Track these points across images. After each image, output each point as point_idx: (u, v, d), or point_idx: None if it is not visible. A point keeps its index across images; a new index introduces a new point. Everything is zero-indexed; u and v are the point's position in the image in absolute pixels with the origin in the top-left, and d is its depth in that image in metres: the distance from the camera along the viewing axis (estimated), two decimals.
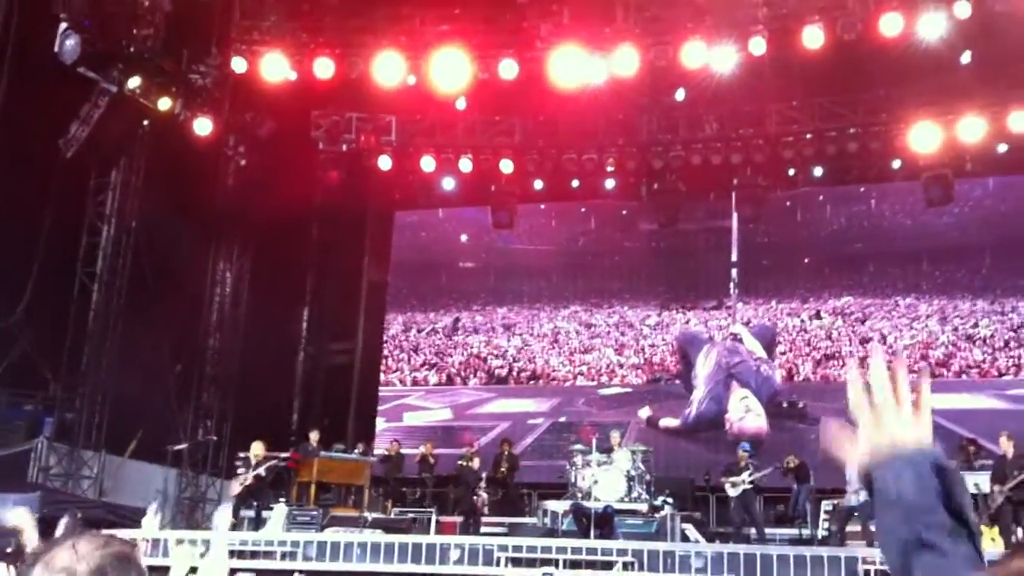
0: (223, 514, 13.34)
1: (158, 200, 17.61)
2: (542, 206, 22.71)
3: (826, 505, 14.80)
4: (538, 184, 21.35)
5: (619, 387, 21.12)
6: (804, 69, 17.87)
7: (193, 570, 6.01)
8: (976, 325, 19.51)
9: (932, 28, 15.84)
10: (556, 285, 22.27)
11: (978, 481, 13.62)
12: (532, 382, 21.79)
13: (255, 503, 14.00)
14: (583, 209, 22.62)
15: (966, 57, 17.68)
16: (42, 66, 15.76)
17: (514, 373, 21.93)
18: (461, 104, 19.91)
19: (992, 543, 12.68)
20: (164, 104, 17.97)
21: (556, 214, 22.90)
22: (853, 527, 13.64)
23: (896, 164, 19.74)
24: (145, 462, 16.98)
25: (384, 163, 20.60)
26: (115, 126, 17.55)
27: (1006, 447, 13.63)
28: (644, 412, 20.18)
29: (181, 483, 17.48)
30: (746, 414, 19.23)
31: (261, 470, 13.84)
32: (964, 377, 19.30)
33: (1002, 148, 18.75)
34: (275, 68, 17.98)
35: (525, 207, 22.06)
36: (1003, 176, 19.88)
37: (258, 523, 13.97)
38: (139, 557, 1.87)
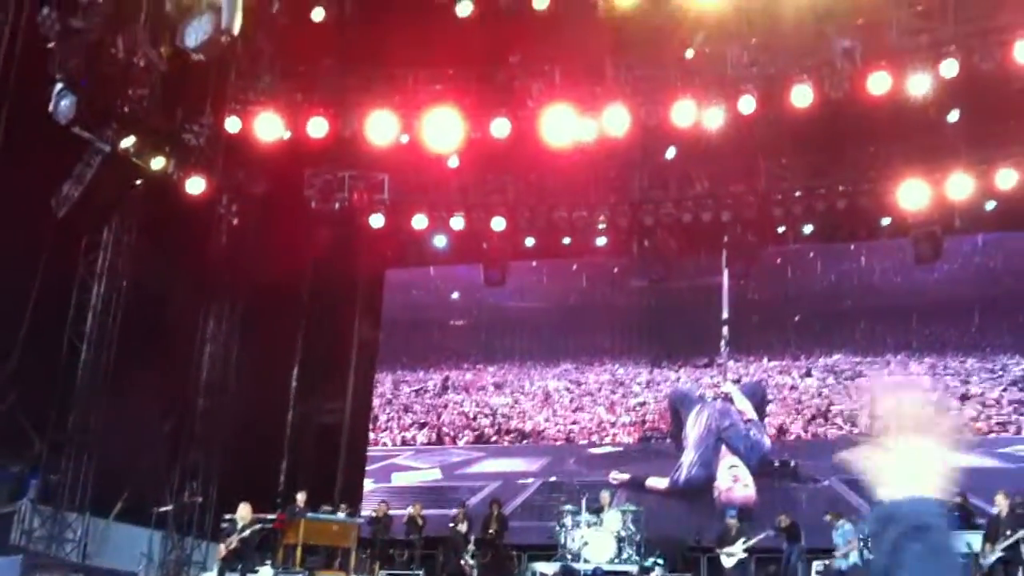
0: None
1: (150, 259, 17.64)
2: (533, 263, 22.75)
3: (817, 565, 14.66)
4: (530, 241, 21.43)
5: (610, 446, 21.00)
6: (793, 127, 18.00)
7: None
8: (967, 382, 19.45)
9: (920, 87, 15.96)
10: (547, 342, 22.23)
11: (970, 540, 13.50)
12: (522, 441, 21.67)
13: (241, 566, 13.83)
14: (574, 266, 22.65)
15: (954, 115, 17.82)
16: (36, 125, 15.84)
17: (504, 432, 21.82)
18: (454, 162, 20.04)
19: None
20: (157, 163, 18.08)
21: (547, 271, 22.93)
22: None
23: (885, 221, 19.82)
24: (130, 524, 16.79)
25: (376, 221, 20.67)
26: (108, 185, 17.62)
27: (1001, 505, 13.55)
28: (617, 475, 19.95)
29: (167, 546, 17.28)
30: (734, 484, 19.10)
31: (247, 532, 13.70)
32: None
33: (990, 205, 18.82)
34: (269, 127, 18.10)
35: (517, 264, 22.14)
36: (992, 233, 19.94)
37: None
38: None
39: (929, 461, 1.59)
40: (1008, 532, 13.03)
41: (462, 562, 15.36)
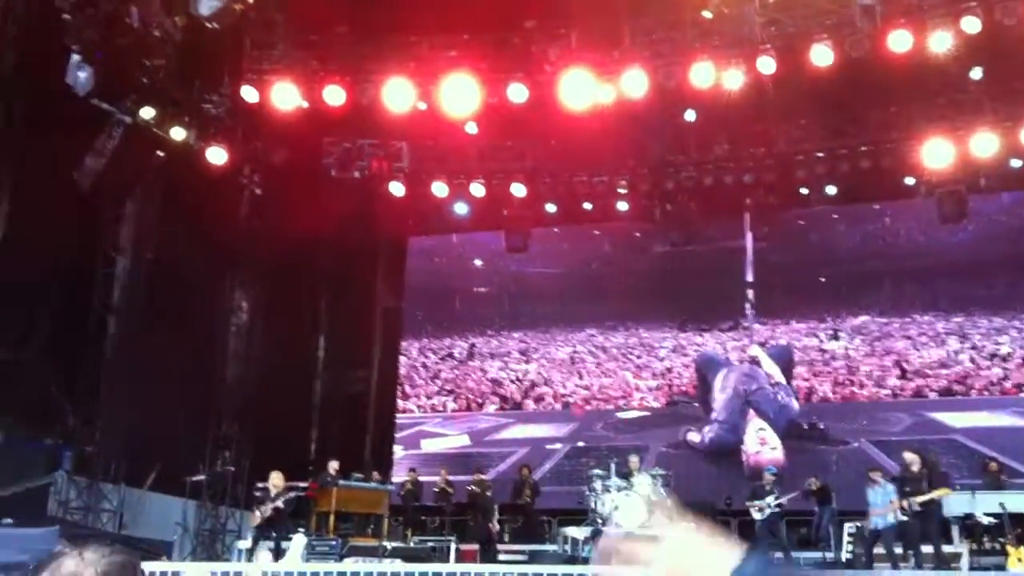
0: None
1: (173, 230, 17.62)
2: (555, 229, 22.70)
3: (849, 527, 14.66)
4: (551, 208, 21.35)
5: (637, 411, 21.03)
6: (814, 88, 17.84)
7: None
8: (996, 342, 19.38)
9: (941, 44, 15.78)
10: (571, 308, 22.22)
11: (1003, 500, 13.49)
12: (549, 407, 21.71)
13: (274, 534, 13.92)
14: (596, 232, 22.60)
15: (977, 73, 17.66)
16: (55, 98, 15.78)
17: (531, 398, 21.86)
18: (472, 129, 19.94)
19: (1020, 564, 12.52)
20: (178, 134, 18.04)
21: (569, 237, 22.88)
22: (878, 549, 13.50)
23: (910, 181, 19.66)
24: (164, 494, 16.91)
25: (396, 189, 20.62)
26: (130, 157, 17.57)
27: (911, 460, 13.50)
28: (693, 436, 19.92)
29: (201, 515, 17.40)
30: (762, 447, 19.11)
31: (280, 501, 13.77)
32: (985, 395, 19.16)
33: (1016, 163, 18.69)
34: (286, 97, 18.03)
35: (538, 231, 22.07)
36: (1017, 191, 19.79)
37: (278, 554, 13.88)
38: (142, 566, 1.96)
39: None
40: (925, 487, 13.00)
41: (489, 525, 15.38)
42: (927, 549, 12.99)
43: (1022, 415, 18.65)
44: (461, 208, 21.63)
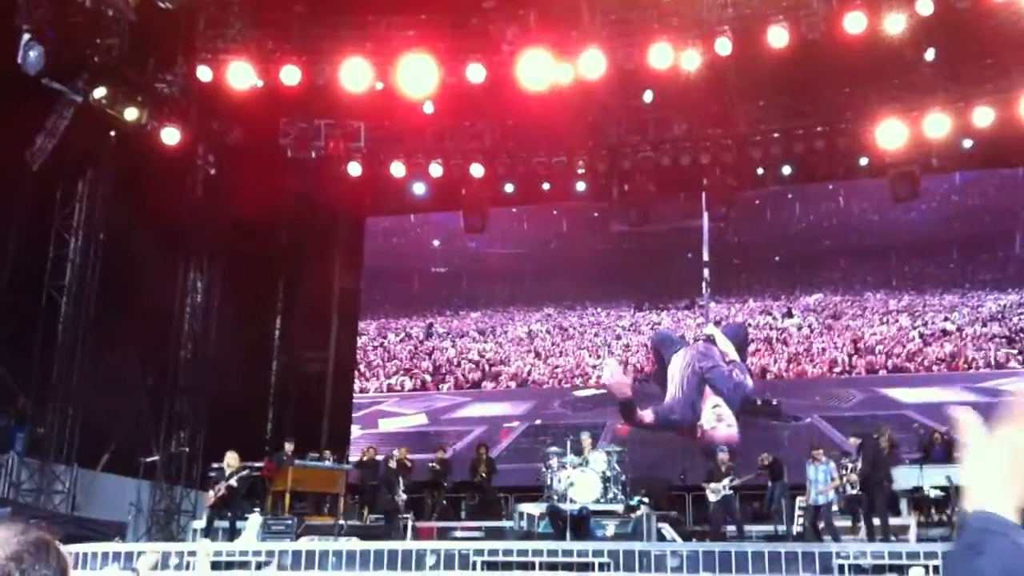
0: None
1: (126, 211, 17.46)
2: (513, 209, 22.74)
3: (800, 501, 14.87)
4: (509, 188, 21.38)
5: (593, 389, 21.16)
6: (771, 69, 17.97)
7: None
8: (946, 319, 19.68)
9: (895, 25, 15.95)
10: (529, 288, 22.27)
11: (950, 474, 13.75)
12: (507, 386, 21.79)
13: (229, 513, 13.90)
14: (555, 212, 22.65)
15: (930, 54, 17.85)
16: (6, 78, 15.57)
17: (489, 377, 21.93)
18: (429, 109, 19.89)
19: None
20: (131, 114, 17.85)
21: (528, 217, 22.92)
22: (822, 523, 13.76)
23: (863, 161, 19.88)
24: (118, 475, 16.82)
25: (354, 169, 20.54)
26: (81, 137, 17.38)
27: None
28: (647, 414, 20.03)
29: (155, 495, 17.33)
30: (718, 423, 19.28)
31: (234, 480, 13.75)
32: (935, 371, 19.46)
33: (967, 144, 18.93)
34: (241, 76, 17.89)
35: (496, 211, 22.11)
36: (969, 171, 20.07)
37: (232, 533, 13.88)
38: (60, 545, 1.85)
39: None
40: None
41: (396, 498, 15.35)
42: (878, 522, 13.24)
43: (971, 390, 18.98)
44: (419, 188, 21.60)
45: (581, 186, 21.13)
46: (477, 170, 20.58)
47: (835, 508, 14.00)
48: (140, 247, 17.57)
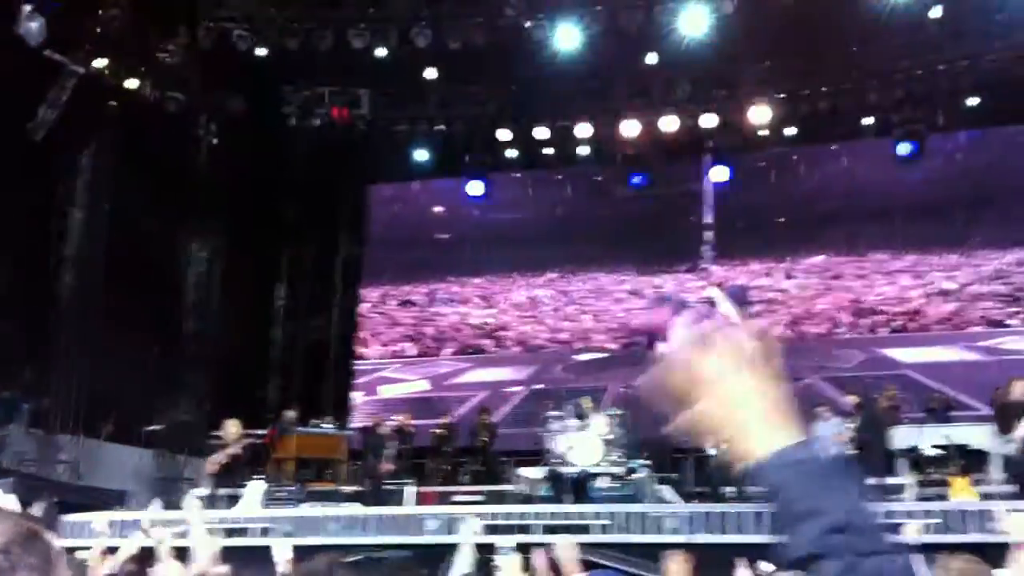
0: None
1: (130, 181, 17.51)
2: (517, 175, 22.68)
3: None
4: (513, 153, 21.34)
5: (596, 352, 21.19)
6: (775, 30, 17.84)
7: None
8: (949, 279, 19.58)
9: None
10: (531, 253, 22.23)
11: (948, 433, 13.77)
12: (509, 351, 21.84)
13: (231, 481, 14.03)
14: (558, 177, 22.58)
15: (936, 11, 17.65)
16: (6, 49, 15.61)
17: (491, 342, 21.98)
18: (432, 74, 19.86)
19: (964, 494, 12.78)
20: (133, 84, 17.90)
21: (531, 183, 22.86)
22: None
23: (868, 121, 19.72)
24: (122, 444, 16.98)
25: (357, 136, 20.56)
26: (84, 108, 17.43)
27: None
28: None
29: (158, 464, 17.48)
30: None
31: (236, 448, 13.86)
32: (936, 330, 19.39)
33: (972, 101, 18.76)
34: (243, 45, 17.90)
35: (500, 176, 22.08)
36: (974, 130, 19.88)
37: (235, 501, 14.01)
38: (47, 535, 1.86)
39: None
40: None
41: (380, 465, 15.44)
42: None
43: (971, 349, 18.92)
44: (422, 155, 21.58)
45: (585, 150, 21.06)
46: (481, 136, 20.56)
47: None
48: (144, 217, 17.65)
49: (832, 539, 1.25)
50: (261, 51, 18.40)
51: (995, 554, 5.96)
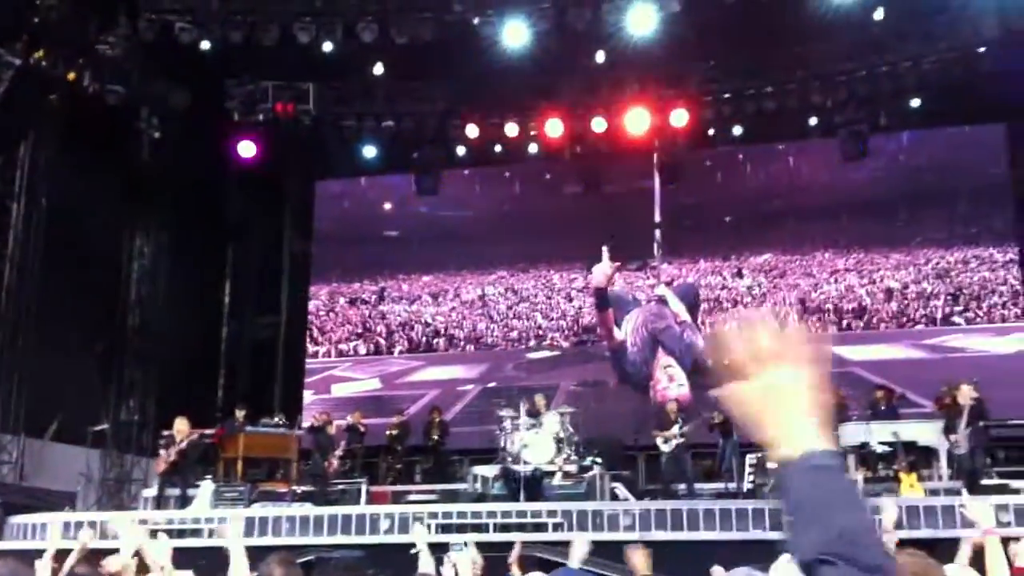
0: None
1: (70, 175, 17.09)
2: (466, 172, 22.60)
3: (750, 459, 15.06)
4: (461, 150, 21.26)
5: (547, 350, 21.22)
6: (722, 29, 17.99)
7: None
8: (893, 277, 19.94)
9: None
10: (482, 250, 22.16)
11: (897, 429, 13.99)
12: (460, 349, 21.77)
13: (180, 480, 13.81)
14: (507, 174, 22.54)
15: (879, 13, 17.94)
16: None
17: (442, 340, 21.89)
18: (379, 70, 19.69)
19: (911, 490, 13.02)
20: (72, 76, 17.48)
21: (480, 179, 22.80)
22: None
23: (813, 121, 20.00)
24: (67, 444, 16.62)
25: (302, 132, 20.30)
26: (22, 101, 16.99)
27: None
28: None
29: (105, 464, 17.15)
30: (670, 383, 19.37)
31: (184, 446, 13.63)
32: (883, 328, 19.75)
33: (915, 102, 19.12)
34: (186, 37, 17.58)
35: (449, 173, 21.98)
36: (916, 130, 20.27)
37: (184, 501, 13.79)
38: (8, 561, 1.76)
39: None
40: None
41: (326, 464, 15.36)
42: None
43: (917, 347, 19.32)
44: (370, 151, 21.38)
45: (533, 148, 21.04)
46: (429, 132, 20.43)
47: None
48: (85, 212, 17.25)
49: (836, 547, 1.33)
50: (204, 44, 18.07)
51: (943, 549, 6.07)
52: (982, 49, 17.85)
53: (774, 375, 1.47)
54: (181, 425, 13.92)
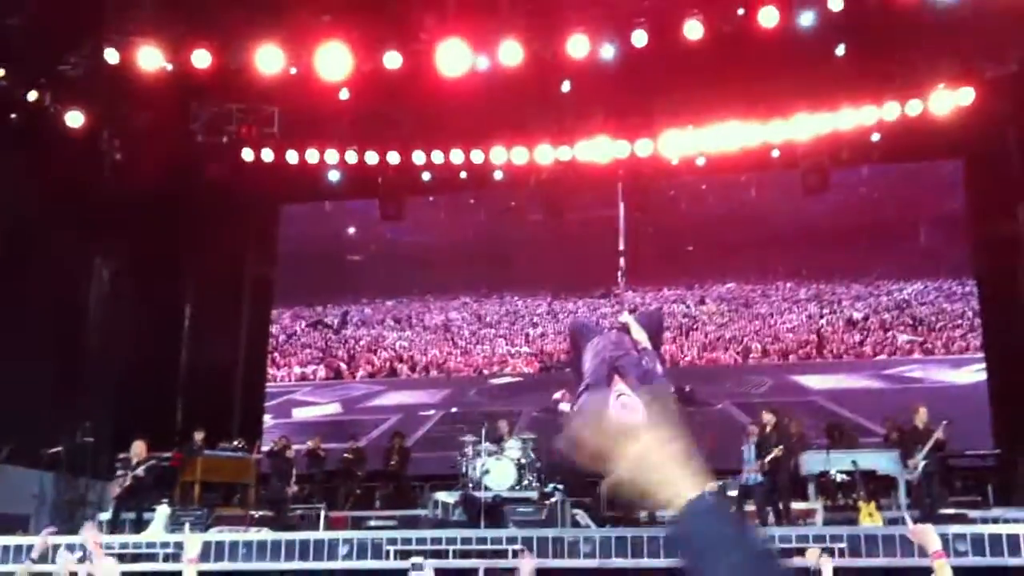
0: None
1: (29, 196, 16.89)
2: (431, 198, 22.63)
3: (711, 485, 15.05)
4: (426, 176, 21.26)
5: (510, 376, 21.20)
6: (687, 61, 18.15)
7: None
8: (853, 307, 20.17)
9: (807, 21, 16.29)
10: (446, 277, 22.18)
11: (856, 459, 14.08)
12: (423, 374, 21.70)
13: (136, 504, 13.58)
14: (472, 201, 22.60)
15: (840, 49, 18.21)
16: None
17: (405, 365, 21.81)
18: (345, 95, 19.66)
19: (870, 518, 13.09)
20: (32, 96, 17.32)
21: (445, 205, 22.84)
22: (748, 507, 13.95)
23: (775, 153, 20.22)
24: (21, 467, 16.31)
25: (267, 155, 20.22)
26: None
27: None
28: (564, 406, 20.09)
29: (60, 487, 16.83)
30: (622, 410, 19.39)
31: (140, 470, 13.43)
32: (843, 359, 19.94)
33: (875, 137, 19.40)
34: (150, 59, 17.47)
35: (414, 199, 21.99)
36: (876, 165, 20.58)
37: (139, 525, 13.56)
38: None
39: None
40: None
41: (287, 489, 15.27)
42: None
43: (877, 377, 19.52)
44: (334, 175, 21.32)
45: (499, 175, 21.10)
46: (394, 157, 20.43)
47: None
48: (43, 233, 17.04)
49: (733, 572, 1.52)
50: (168, 66, 17.97)
51: None
52: (941, 86, 18.17)
53: (631, 452, 1.65)
54: (139, 448, 13.73)
